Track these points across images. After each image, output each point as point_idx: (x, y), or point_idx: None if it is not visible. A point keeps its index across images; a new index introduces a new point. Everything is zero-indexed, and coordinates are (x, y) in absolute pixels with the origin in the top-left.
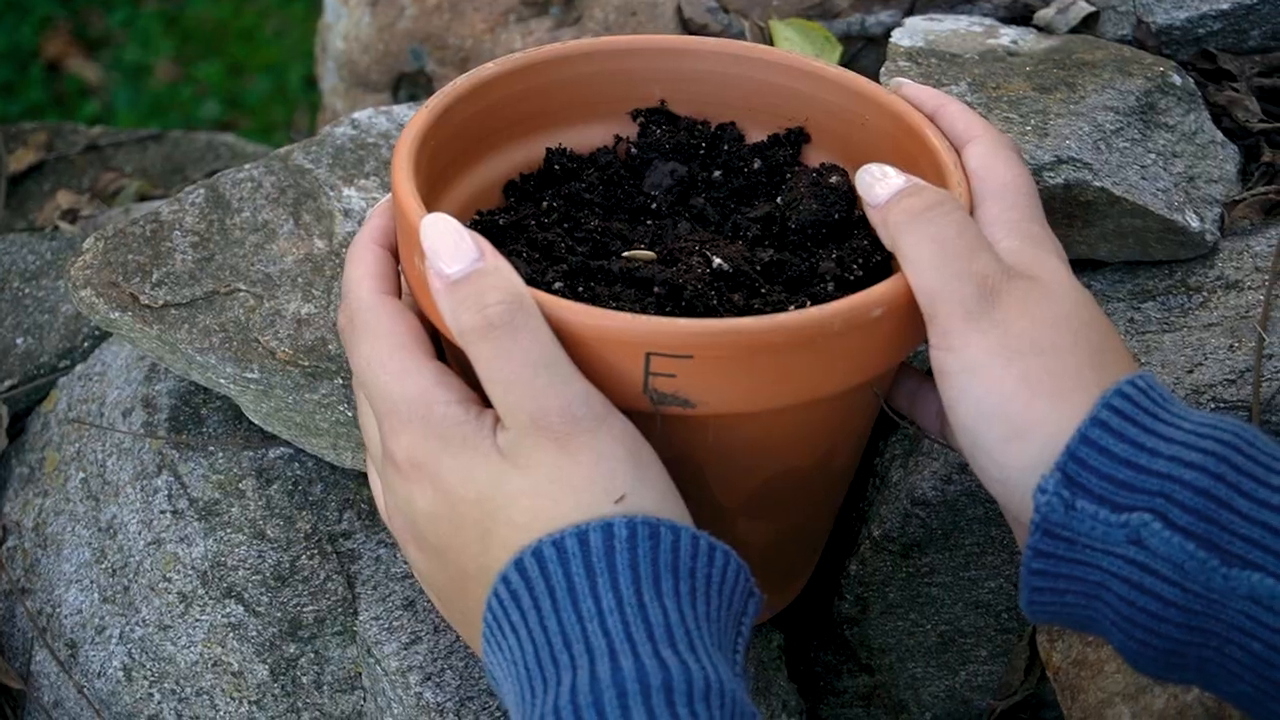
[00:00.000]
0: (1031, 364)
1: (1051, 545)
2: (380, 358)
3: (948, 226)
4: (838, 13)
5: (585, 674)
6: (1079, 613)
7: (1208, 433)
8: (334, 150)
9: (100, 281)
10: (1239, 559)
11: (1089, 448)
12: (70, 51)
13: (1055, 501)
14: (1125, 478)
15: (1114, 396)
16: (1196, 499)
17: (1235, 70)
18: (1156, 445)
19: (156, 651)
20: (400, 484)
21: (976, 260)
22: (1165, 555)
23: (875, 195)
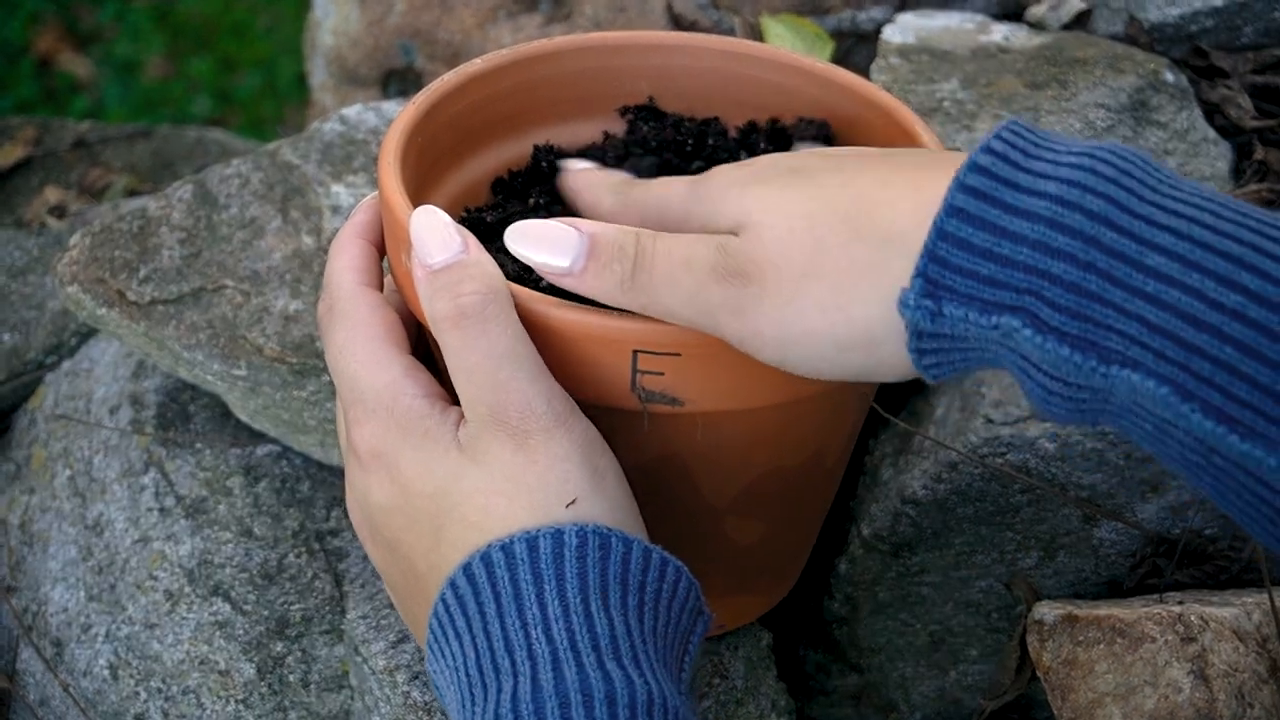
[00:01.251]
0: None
1: (931, 343)
2: (352, 347)
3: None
4: (829, 9)
5: (527, 682)
6: (981, 368)
7: (1075, 200)
8: (322, 146)
9: (87, 278)
10: (1118, 355)
11: (947, 243)
12: (61, 47)
13: (921, 314)
14: (989, 272)
15: (968, 174)
16: (1067, 296)
17: (1228, 67)
18: (1020, 229)
19: (143, 650)
20: (359, 475)
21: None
22: (1039, 360)
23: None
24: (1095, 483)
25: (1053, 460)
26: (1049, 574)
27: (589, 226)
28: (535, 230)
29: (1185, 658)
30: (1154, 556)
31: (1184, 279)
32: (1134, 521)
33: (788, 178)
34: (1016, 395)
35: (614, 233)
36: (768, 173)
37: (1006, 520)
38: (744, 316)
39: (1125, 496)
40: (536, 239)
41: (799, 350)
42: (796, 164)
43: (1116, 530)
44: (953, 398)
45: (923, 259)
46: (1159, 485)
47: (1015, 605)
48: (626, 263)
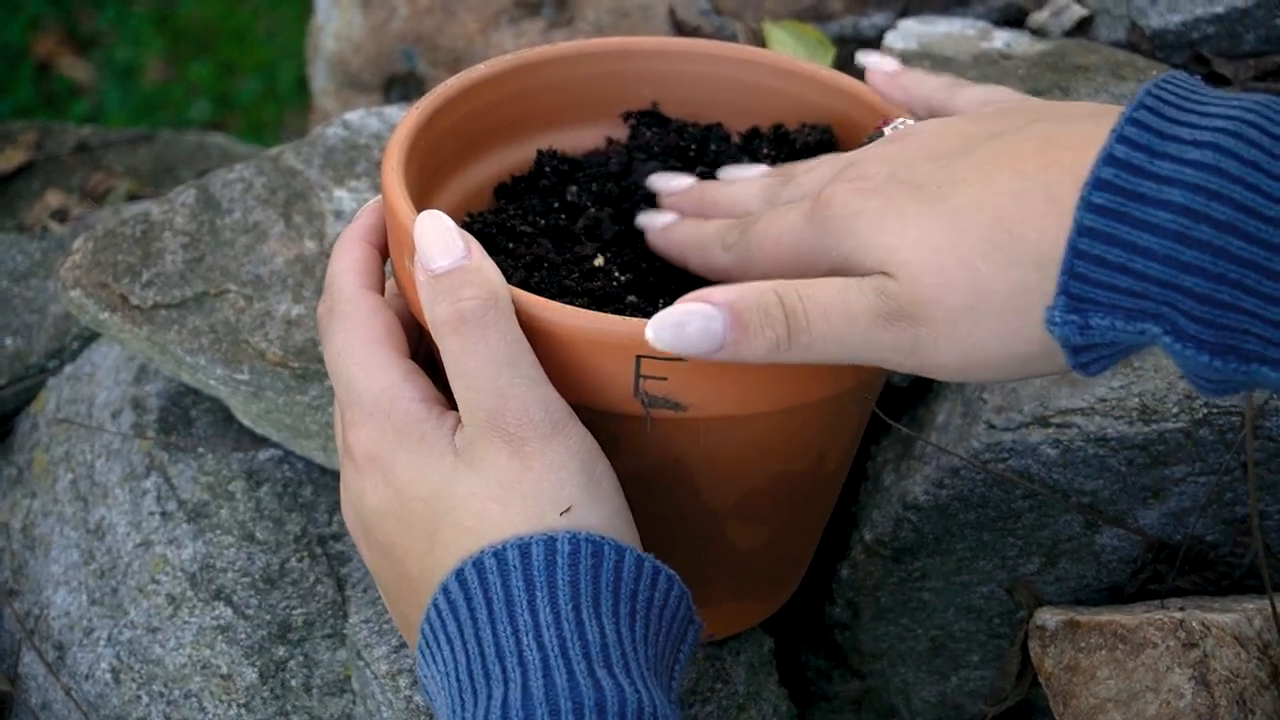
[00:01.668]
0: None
1: (1085, 357)
2: (351, 349)
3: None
4: (831, 15)
5: (518, 688)
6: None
7: (1201, 209)
8: (325, 151)
9: (90, 282)
10: (1256, 356)
11: (1084, 260)
12: (61, 51)
13: (1069, 329)
14: (1127, 285)
15: (1093, 192)
16: (1201, 307)
17: (1229, 74)
18: (1150, 244)
19: (145, 654)
20: (354, 477)
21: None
22: (1182, 362)
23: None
24: (1097, 489)
25: (1055, 466)
26: (1050, 580)
27: (723, 296)
28: (673, 318)
29: (1187, 664)
30: (1155, 563)
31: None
32: (1135, 528)
33: (917, 204)
34: (1018, 401)
35: (753, 296)
36: (894, 197)
37: (1008, 526)
38: (919, 355)
39: (1127, 503)
40: (676, 327)
41: (981, 373)
42: (918, 175)
43: (1118, 536)
44: (955, 403)
45: (1063, 276)
46: (1161, 492)
47: (1017, 611)
48: (778, 326)
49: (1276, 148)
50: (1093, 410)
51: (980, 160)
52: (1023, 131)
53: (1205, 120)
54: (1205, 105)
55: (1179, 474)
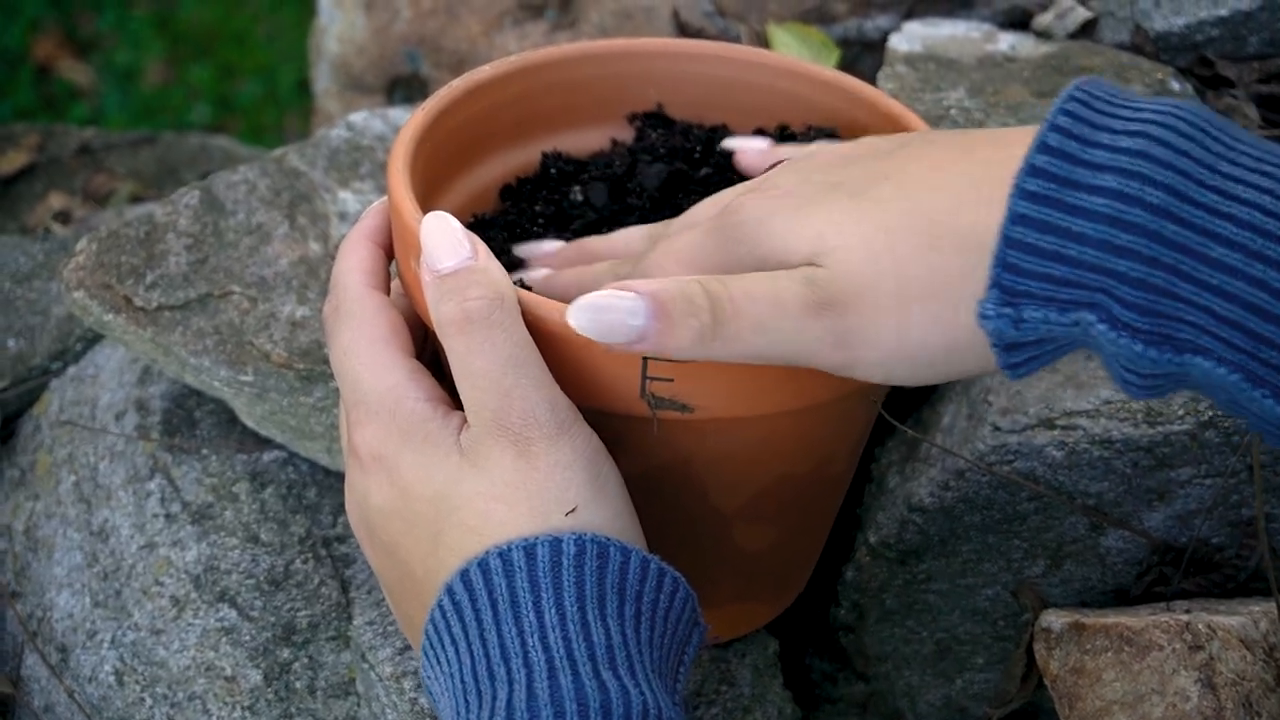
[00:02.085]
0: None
1: (1016, 356)
2: (357, 348)
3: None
4: (835, 17)
5: (523, 690)
6: (1065, 356)
7: (1135, 193)
8: (329, 153)
9: (93, 283)
10: (1189, 344)
11: (1017, 249)
12: (61, 54)
13: (1003, 322)
14: (1062, 274)
15: (1026, 179)
16: (1135, 292)
17: (1234, 77)
18: (1084, 229)
19: (149, 656)
20: (359, 477)
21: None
22: (1114, 352)
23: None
24: (1102, 491)
25: (1060, 468)
26: (1056, 582)
27: (644, 285)
28: (592, 303)
29: (1193, 666)
30: (1161, 565)
31: (1248, 270)
32: (1141, 530)
33: (837, 197)
34: (1024, 403)
35: (675, 284)
36: (811, 193)
37: (1014, 528)
38: (848, 346)
39: (1132, 505)
40: (595, 311)
41: (909, 369)
42: (831, 178)
43: (1123, 539)
44: (960, 405)
45: (995, 268)
46: (1166, 494)
47: (1022, 613)
48: (703, 315)
49: (1206, 140)
50: (1098, 412)
51: (897, 158)
52: (935, 143)
53: (1136, 113)
54: (1134, 102)
55: (1184, 476)
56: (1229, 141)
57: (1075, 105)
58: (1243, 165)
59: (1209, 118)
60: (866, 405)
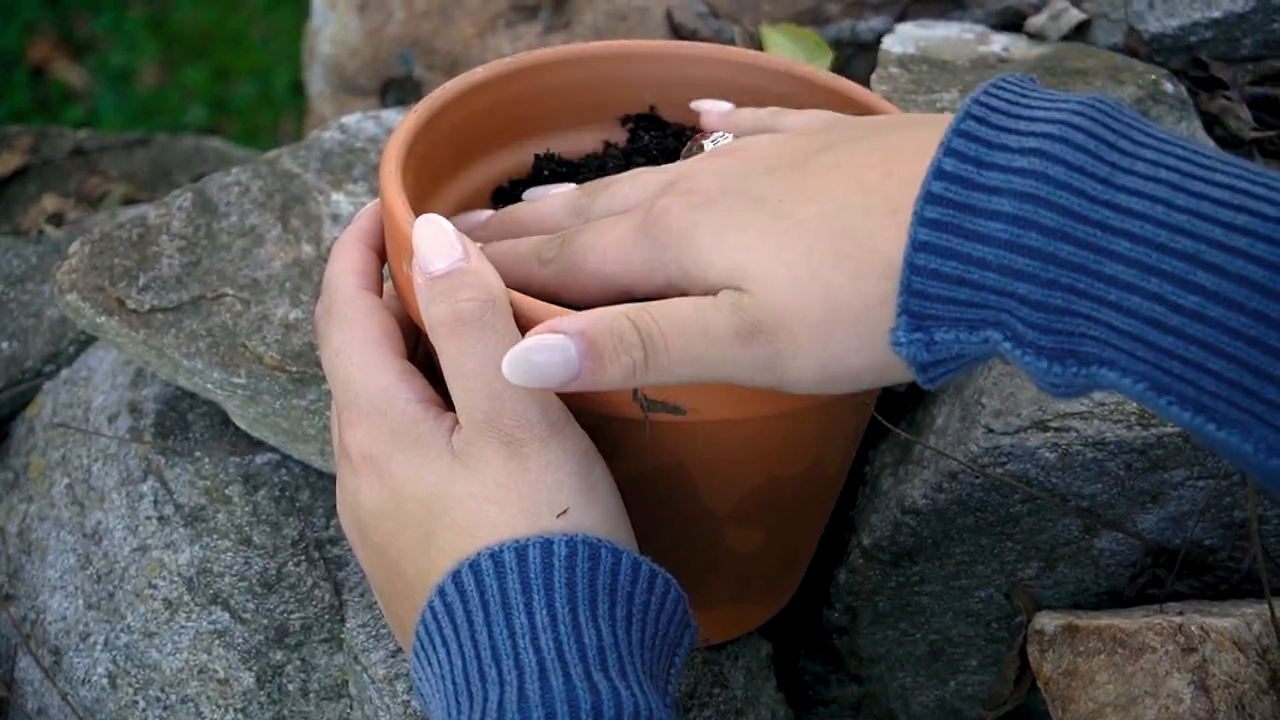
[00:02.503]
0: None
1: (932, 373)
2: (349, 349)
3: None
4: (829, 18)
5: (514, 691)
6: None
7: (1030, 216)
8: (322, 154)
9: (86, 286)
10: (1094, 356)
11: (921, 276)
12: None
13: (916, 347)
14: (966, 296)
15: (926, 206)
16: (1036, 314)
17: (1227, 79)
18: (983, 254)
19: (141, 658)
20: (350, 478)
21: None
22: (1023, 368)
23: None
24: (1095, 493)
25: (1053, 470)
26: (1049, 584)
27: (573, 325)
28: (524, 352)
29: (1186, 668)
30: (1154, 567)
31: (1143, 284)
32: (1134, 532)
33: (758, 216)
34: (1017, 405)
35: (605, 322)
36: (731, 208)
37: (1007, 530)
38: (776, 371)
39: (1125, 507)
40: (530, 359)
41: (840, 384)
42: (754, 189)
43: (1117, 540)
44: (953, 407)
45: (903, 295)
46: (1159, 495)
47: (1015, 615)
48: (634, 351)
49: (1102, 149)
50: (1091, 414)
51: (817, 172)
52: (857, 144)
53: (1033, 125)
54: (1034, 109)
55: (1178, 478)
56: (1127, 146)
57: (971, 123)
58: (1139, 172)
59: (1110, 117)
60: (859, 407)
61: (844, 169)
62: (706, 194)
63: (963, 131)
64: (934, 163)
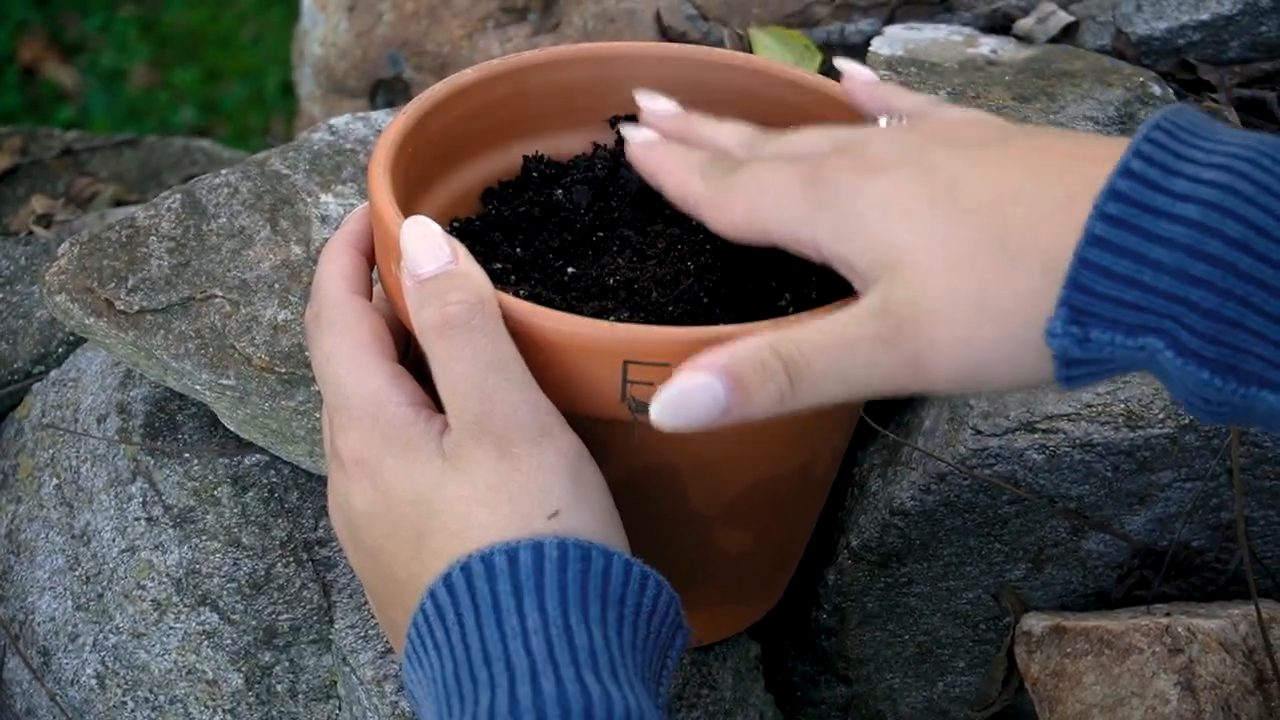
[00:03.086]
0: (973, 241)
1: (1075, 371)
2: (339, 353)
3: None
4: (817, 21)
5: (505, 693)
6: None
7: (1215, 225)
8: (311, 156)
9: (75, 287)
10: (1255, 378)
11: (1091, 271)
12: (46, 56)
13: (1069, 341)
14: (1133, 298)
15: (1107, 202)
16: (1205, 322)
17: (1215, 81)
18: (1161, 256)
19: (130, 659)
20: (341, 481)
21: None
22: (1180, 379)
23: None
24: (1083, 494)
25: (1041, 472)
26: (1037, 585)
27: (717, 362)
28: (674, 398)
29: (1173, 669)
30: (1141, 568)
31: None
32: (1122, 533)
33: (927, 195)
34: (1004, 406)
35: (749, 354)
36: (901, 181)
37: (995, 531)
38: (921, 370)
39: (1113, 508)
40: (680, 404)
41: (977, 382)
42: (925, 161)
43: (1104, 542)
44: (941, 409)
45: (1066, 288)
46: (1147, 497)
47: (1003, 616)
48: (780, 379)
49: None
50: (1079, 416)
51: (995, 159)
52: (1037, 140)
53: (1220, 146)
54: (1218, 135)
55: (1165, 480)
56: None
57: (1160, 134)
58: None
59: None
60: (848, 408)
61: (1022, 160)
62: (877, 161)
63: (1152, 139)
64: (1121, 162)
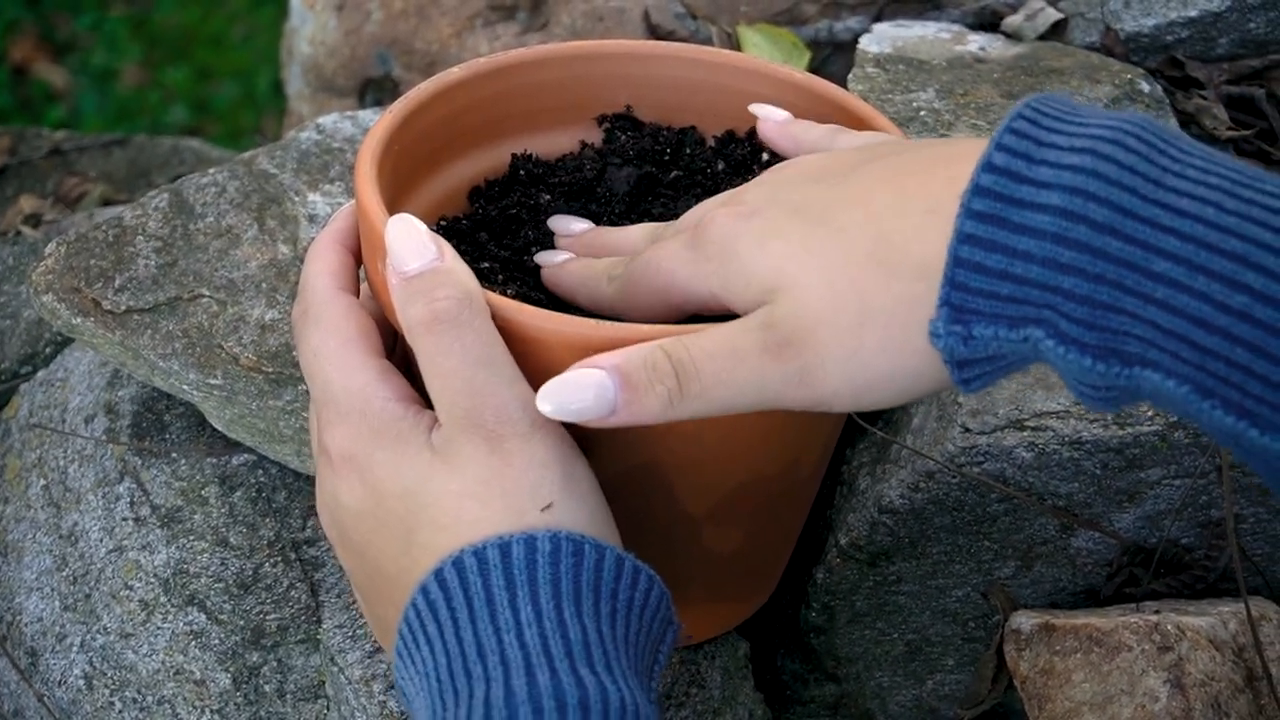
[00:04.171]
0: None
1: (969, 373)
2: (327, 350)
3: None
4: (806, 19)
5: (500, 687)
6: (1018, 370)
7: (1079, 210)
8: (299, 155)
9: (62, 287)
10: (1137, 357)
11: (964, 269)
12: (37, 55)
13: (953, 339)
14: (1009, 291)
15: (973, 198)
16: (1081, 309)
17: (1203, 78)
18: (1029, 247)
19: (118, 660)
20: (329, 477)
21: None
22: (1066, 368)
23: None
24: (1072, 492)
25: (1030, 469)
26: (1026, 583)
27: (609, 360)
28: (560, 388)
29: (1162, 667)
30: (1131, 566)
31: (1190, 283)
32: (1111, 531)
33: (800, 224)
34: (993, 404)
35: (639, 356)
36: (774, 219)
37: (983, 529)
38: (809, 384)
39: (1102, 506)
40: (563, 395)
41: (872, 395)
42: (795, 199)
43: (1093, 540)
44: (930, 407)
45: (944, 287)
46: (1136, 495)
47: (992, 615)
48: (668, 379)
49: (1153, 154)
50: (1068, 413)
51: (861, 180)
52: (902, 155)
53: (1085, 129)
54: (1083, 118)
55: (1154, 477)
56: (1176, 154)
57: (1022, 123)
58: (1189, 178)
59: (1158, 131)
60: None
61: (888, 177)
62: (751, 205)
63: (1014, 129)
64: (984, 157)
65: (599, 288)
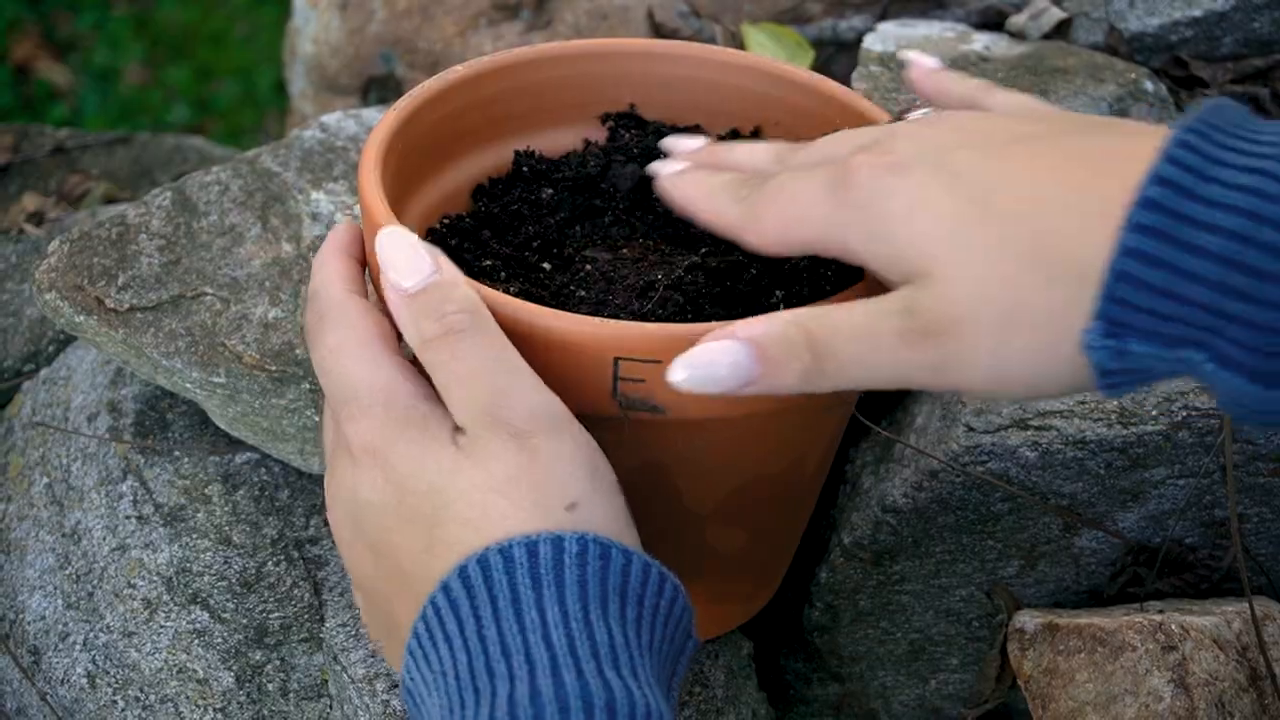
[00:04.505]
0: (1007, 245)
1: (1114, 379)
2: (348, 347)
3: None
4: (810, 18)
5: (525, 686)
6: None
7: (1250, 233)
8: (302, 153)
9: (65, 285)
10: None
11: (1125, 284)
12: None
13: (1105, 353)
14: (1170, 310)
15: (1140, 212)
16: (1247, 333)
17: (1207, 77)
18: (1197, 268)
19: (121, 658)
20: (349, 471)
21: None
22: (1224, 389)
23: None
24: (1076, 491)
25: (1034, 469)
26: (1030, 583)
27: (745, 331)
28: (698, 358)
29: (1166, 666)
30: (1134, 565)
31: None
32: (1115, 530)
33: (955, 200)
34: (997, 404)
35: (778, 329)
36: (927, 183)
37: (987, 529)
38: (945, 373)
39: (1106, 505)
40: (703, 366)
41: (1010, 390)
42: (951, 164)
43: (1097, 539)
44: (934, 406)
45: (1102, 301)
46: (1140, 494)
47: (996, 614)
48: (805, 356)
49: None
50: (1072, 413)
51: (1022, 159)
52: (1068, 136)
53: (1257, 147)
54: (1256, 133)
55: (1158, 476)
56: None
57: (1193, 136)
58: None
59: None
60: (840, 406)
61: (1056, 163)
62: (902, 158)
63: (1184, 142)
64: (1153, 168)
65: (722, 203)
